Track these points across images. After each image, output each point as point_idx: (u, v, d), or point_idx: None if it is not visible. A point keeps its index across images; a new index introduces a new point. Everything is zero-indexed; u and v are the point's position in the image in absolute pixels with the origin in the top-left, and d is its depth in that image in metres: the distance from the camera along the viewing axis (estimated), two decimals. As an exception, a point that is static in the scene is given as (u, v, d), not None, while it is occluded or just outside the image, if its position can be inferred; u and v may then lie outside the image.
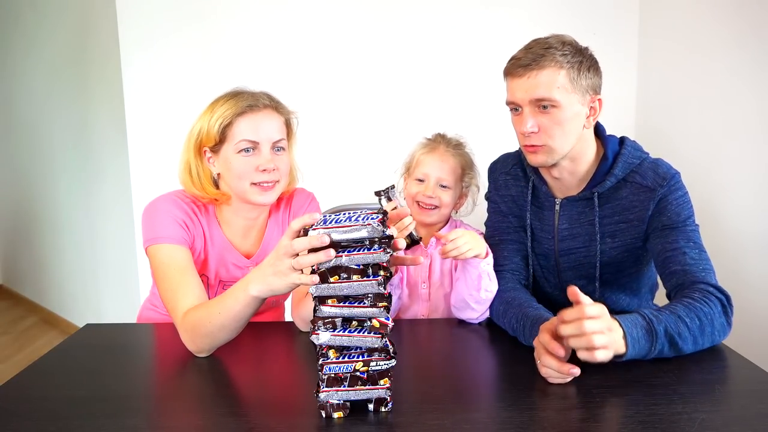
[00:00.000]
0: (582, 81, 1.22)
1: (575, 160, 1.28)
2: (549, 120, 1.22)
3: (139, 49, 2.32)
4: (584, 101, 1.24)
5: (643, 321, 1.05)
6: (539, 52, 1.21)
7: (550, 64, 1.20)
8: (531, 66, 1.21)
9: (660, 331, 1.04)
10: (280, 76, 2.26)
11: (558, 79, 1.20)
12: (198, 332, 1.11)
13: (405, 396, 0.95)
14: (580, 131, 1.25)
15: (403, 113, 2.33)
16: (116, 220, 2.74)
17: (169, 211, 1.27)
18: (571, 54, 1.21)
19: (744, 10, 1.80)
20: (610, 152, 1.29)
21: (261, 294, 1.00)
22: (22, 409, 0.94)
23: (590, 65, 1.24)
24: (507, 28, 2.28)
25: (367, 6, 2.29)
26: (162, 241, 1.24)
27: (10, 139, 3.81)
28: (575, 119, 1.23)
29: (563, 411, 0.91)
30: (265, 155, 1.26)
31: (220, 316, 1.07)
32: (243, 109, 1.25)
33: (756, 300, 1.78)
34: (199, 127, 1.28)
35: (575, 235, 1.33)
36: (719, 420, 0.87)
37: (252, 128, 1.25)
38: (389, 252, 0.87)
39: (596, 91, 1.26)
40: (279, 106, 1.31)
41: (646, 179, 1.26)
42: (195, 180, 1.30)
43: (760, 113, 1.75)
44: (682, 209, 1.24)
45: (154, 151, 2.37)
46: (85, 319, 2.93)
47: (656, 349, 1.05)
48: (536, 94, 1.21)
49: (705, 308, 1.10)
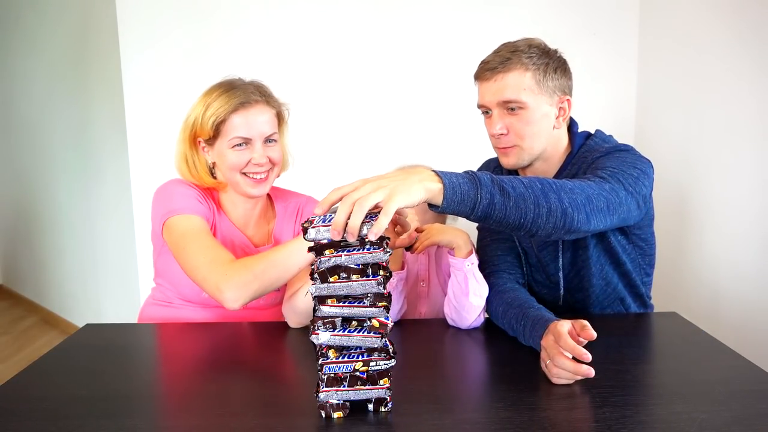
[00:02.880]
0: (549, 82, 1.24)
1: (548, 161, 1.30)
2: (517, 121, 1.24)
3: (139, 49, 2.32)
4: (552, 102, 1.25)
5: (465, 173, 0.93)
6: (506, 56, 1.24)
7: (516, 67, 1.23)
8: (498, 69, 1.24)
9: (484, 179, 0.92)
10: (281, 76, 2.26)
11: (524, 81, 1.22)
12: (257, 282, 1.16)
13: (405, 396, 0.95)
14: (550, 131, 1.27)
15: (402, 112, 2.33)
16: (116, 220, 2.74)
17: (183, 188, 1.34)
18: (537, 56, 1.23)
19: (744, 10, 1.80)
20: (575, 147, 1.31)
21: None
22: (22, 409, 0.94)
23: (557, 66, 1.25)
24: (507, 28, 2.28)
25: (367, 5, 2.30)
26: (181, 212, 1.29)
27: (10, 139, 3.81)
28: (544, 120, 1.25)
29: (563, 411, 0.91)
30: (257, 150, 1.31)
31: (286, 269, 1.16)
32: (235, 106, 1.28)
33: (756, 300, 1.78)
34: (194, 119, 1.32)
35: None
36: (719, 420, 0.87)
37: (245, 124, 1.29)
38: (389, 251, 0.87)
39: (565, 91, 1.27)
40: (270, 99, 1.35)
41: (593, 152, 1.27)
42: (192, 169, 1.36)
43: (760, 113, 1.75)
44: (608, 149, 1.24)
45: (154, 151, 2.37)
46: (85, 319, 2.93)
47: (483, 197, 0.91)
48: (503, 96, 1.24)
49: (582, 181, 1.06)
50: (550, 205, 0.97)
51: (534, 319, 1.14)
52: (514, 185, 0.95)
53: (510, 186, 0.94)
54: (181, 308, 1.39)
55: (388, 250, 0.87)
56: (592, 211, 1.03)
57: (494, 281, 1.34)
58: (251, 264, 1.18)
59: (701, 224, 2.00)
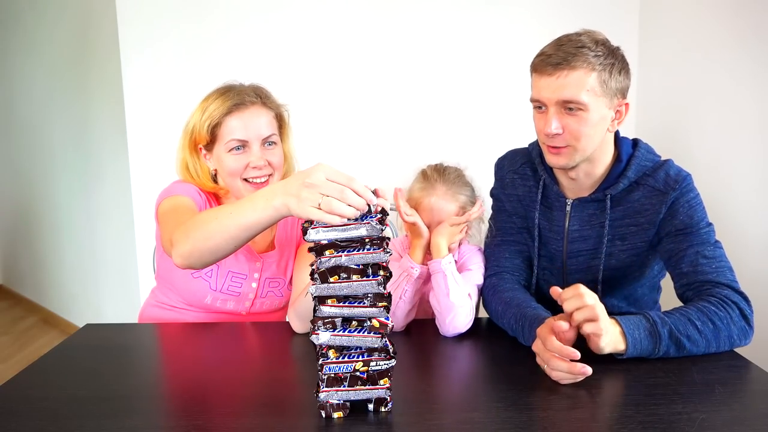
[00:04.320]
0: (612, 84, 1.18)
1: (593, 163, 1.27)
2: (575, 122, 1.19)
3: (139, 49, 2.32)
4: (611, 105, 1.21)
5: (647, 323, 1.06)
6: (571, 51, 1.16)
7: (581, 65, 1.16)
8: (561, 65, 1.16)
9: (663, 334, 1.06)
10: (281, 76, 2.26)
11: (588, 81, 1.16)
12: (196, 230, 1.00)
13: (405, 396, 0.95)
14: (604, 135, 1.23)
15: (403, 111, 2.33)
16: (116, 220, 2.74)
17: (187, 186, 1.32)
18: (604, 55, 1.17)
19: (744, 10, 1.80)
20: (624, 154, 1.28)
21: (280, 209, 0.89)
22: (22, 409, 0.94)
23: (622, 68, 1.20)
24: (507, 28, 2.28)
25: (368, 4, 2.29)
26: (176, 194, 1.28)
27: (10, 139, 3.81)
28: (601, 123, 1.21)
29: (563, 411, 0.91)
30: (255, 152, 1.27)
31: (230, 216, 0.96)
32: (230, 108, 1.26)
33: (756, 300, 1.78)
34: (192, 125, 1.31)
35: (585, 237, 1.31)
36: (719, 420, 0.87)
37: (240, 127, 1.27)
38: (389, 252, 0.87)
39: (624, 94, 1.22)
40: (267, 100, 1.32)
41: (659, 182, 1.25)
42: (194, 176, 1.34)
43: (760, 113, 1.75)
44: (694, 212, 1.22)
45: (154, 151, 2.37)
46: (85, 319, 2.93)
47: (660, 351, 1.06)
48: (564, 95, 1.17)
49: (721, 312, 1.10)
50: (718, 348, 1.09)
51: (531, 319, 1.14)
52: (690, 335, 1.07)
53: (685, 337, 1.07)
54: (182, 312, 1.39)
55: (388, 250, 0.87)
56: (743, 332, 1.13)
57: (495, 282, 1.33)
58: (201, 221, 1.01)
59: (701, 224, 2.00)
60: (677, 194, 1.23)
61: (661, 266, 1.34)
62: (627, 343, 1.04)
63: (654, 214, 1.25)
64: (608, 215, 1.28)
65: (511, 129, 1.40)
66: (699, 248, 1.19)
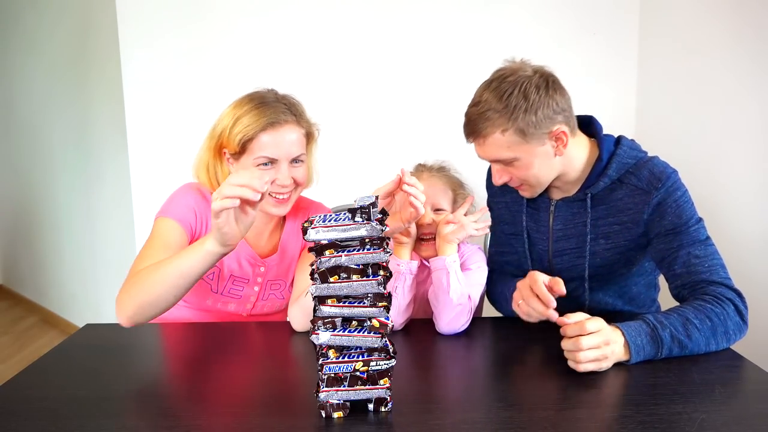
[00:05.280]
0: (532, 129, 1.18)
1: (566, 176, 1.29)
2: (516, 170, 1.24)
3: (139, 49, 2.32)
4: (544, 141, 1.21)
5: (648, 328, 1.07)
6: (476, 120, 1.20)
7: (491, 131, 1.19)
8: (473, 136, 1.23)
9: (665, 337, 1.07)
10: (281, 75, 2.26)
11: (504, 140, 1.19)
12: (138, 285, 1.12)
13: (405, 396, 0.95)
14: (554, 162, 1.25)
15: (404, 112, 2.33)
16: (116, 220, 2.74)
17: (191, 197, 1.31)
18: (511, 110, 1.15)
19: (744, 10, 1.80)
20: (605, 153, 1.28)
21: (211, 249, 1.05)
22: (22, 409, 0.94)
23: (538, 102, 1.16)
24: (508, 28, 2.28)
25: (368, 6, 2.29)
26: (168, 216, 1.28)
27: (10, 139, 3.81)
28: (543, 159, 1.23)
29: (563, 411, 0.91)
30: (283, 171, 1.26)
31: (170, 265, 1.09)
32: (264, 125, 1.23)
33: (756, 300, 1.78)
34: (221, 130, 1.28)
35: (569, 236, 1.33)
36: (719, 420, 0.87)
37: (272, 145, 1.25)
38: (389, 252, 0.87)
39: (556, 120, 1.19)
40: (301, 118, 1.30)
41: (641, 180, 1.25)
42: (212, 179, 1.32)
43: (760, 113, 1.75)
44: (682, 211, 1.22)
45: (154, 151, 2.37)
46: (85, 319, 2.93)
47: (663, 354, 1.08)
48: (490, 157, 1.24)
49: (717, 309, 1.11)
50: (717, 345, 1.11)
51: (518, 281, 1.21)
52: (690, 334, 1.08)
53: (686, 337, 1.08)
54: (182, 312, 1.39)
55: (388, 250, 0.87)
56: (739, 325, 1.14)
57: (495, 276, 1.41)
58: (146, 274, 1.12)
59: (701, 224, 2.00)
60: (663, 194, 1.22)
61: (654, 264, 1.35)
62: (630, 352, 1.05)
63: (637, 213, 1.25)
64: (589, 214, 1.29)
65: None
66: (690, 248, 1.19)
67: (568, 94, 1.24)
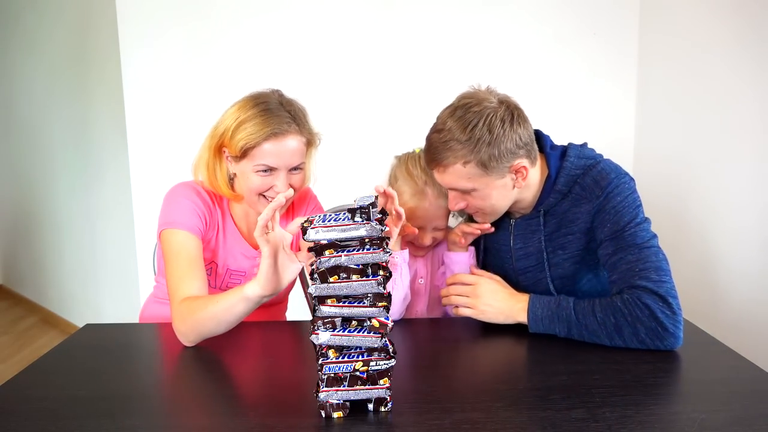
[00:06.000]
0: (493, 163, 1.18)
1: (522, 202, 1.30)
2: (473, 199, 1.25)
3: (139, 49, 2.32)
4: (504, 173, 1.21)
5: (554, 305, 1.19)
6: (437, 147, 1.19)
7: (452, 161, 1.18)
8: (433, 164, 1.22)
9: (563, 317, 1.17)
10: (281, 75, 2.26)
11: (465, 171, 1.19)
12: (191, 317, 1.15)
13: (405, 396, 0.95)
14: (512, 193, 1.26)
15: (404, 112, 2.33)
16: (116, 219, 2.74)
17: (189, 198, 1.32)
18: (474, 142, 1.15)
19: (744, 10, 1.80)
20: (552, 168, 1.27)
21: (253, 292, 1.06)
22: (22, 409, 0.94)
23: (500, 137, 1.16)
24: (508, 28, 2.28)
25: (368, 5, 2.29)
26: (177, 227, 1.28)
27: (10, 139, 3.81)
28: (501, 190, 1.24)
29: (563, 411, 0.91)
30: (281, 179, 1.27)
31: (216, 305, 1.12)
32: (268, 135, 1.23)
33: (756, 300, 1.78)
34: (223, 130, 1.27)
35: (529, 254, 1.34)
36: (719, 420, 0.87)
37: (274, 154, 1.25)
38: (389, 251, 0.87)
39: (517, 153, 1.19)
40: (303, 128, 1.29)
41: (585, 189, 1.25)
42: (211, 178, 1.33)
43: (760, 113, 1.75)
44: (620, 216, 1.20)
45: (154, 151, 2.37)
46: (85, 319, 2.93)
47: (562, 333, 1.18)
48: (450, 186, 1.24)
49: (625, 311, 1.12)
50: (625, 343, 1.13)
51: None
52: (588, 324, 1.15)
53: (584, 326, 1.16)
54: None
55: (388, 250, 0.87)
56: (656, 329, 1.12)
57: None
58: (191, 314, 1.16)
59: (701, 224, 2.00)
60: (603, 201, 1.22)
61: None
62: (528, 319, 1.20)
63: (584, 222, 1.25)
64: (542, 230, 1.30)
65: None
66: (623, 253, 1.19)
67: (530, 125, 1.24)
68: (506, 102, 1.21)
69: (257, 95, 1.30)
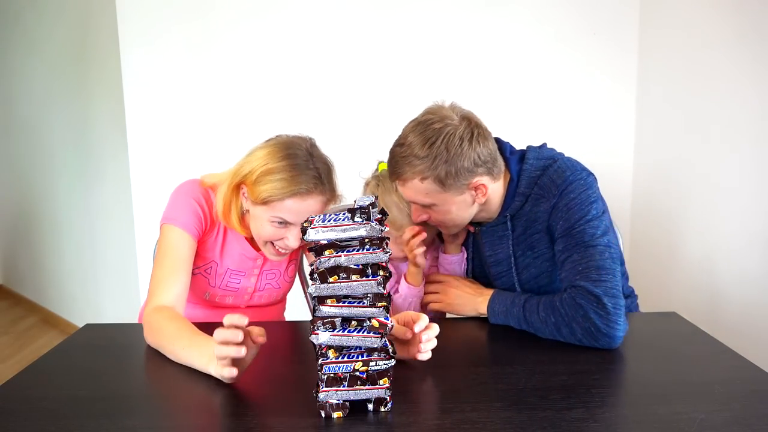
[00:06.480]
0: (450, 180, 1.18)
1: (485, 210, 1.30)
2: (434, 214, 1.26)
3: (139, 48, 2.32)
4: (463, 190, 1.21)
5: (508, 301, 1.25)
6: (398, 160, 1.20)
7: (411, 176, 1.19)
8: (394, 177, 1.24)
9: (514, 313, 1.23)
10: (281, 75, 2.26)
11: (423, 187, 1.20)
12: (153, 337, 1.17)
13: (405, 396, 0.95)
14: (472, 208, 1.26)
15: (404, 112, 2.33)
16: (116, 219, 2.74)
17: (195, 198, 1.32)
18: (432, 159, 1.16)
19: (744, 9, 1.80)
20: (514, 173, 1.28)
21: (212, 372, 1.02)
22: (22, 409, 0.94)
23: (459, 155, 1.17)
24: (508, 27, 2.28)
25: (368, 5, 2.29)
26: (176, 224, 1.28)
27: (10, 139, 3.81)
28: (461, 205, 1.24)
29: (563, 411, 0.91)
30: (293, 234, 1.27)
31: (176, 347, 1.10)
32: (293, 194, 1.22)
33: (756, 300, 1.78)
34: (247, 173, 1.25)
35: (499, 260, 1.35)
36: (719, 420, 0.87)
37: (294, 212, 1.24)
38: (388, 251, 0.87)
39: (474, 173, 1.20)
40: (327, 187, 1.27)
41: (542, 189, 1.26)
42: (225, 211, 1.31)
43: (761, 112, 1.75)
44: (571, 214, 1.21)
45: (154, 150, 2.37)
46: (85, 319, 2.93)
47: (516, 326, 1.23)
48: (410, 199, 1.25)
49: (562, 310, 1.15)
50: (566, 339, 1.16)
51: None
52: (532, 322, 1.20)
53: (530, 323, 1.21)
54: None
55: (388, 250, 0.87)
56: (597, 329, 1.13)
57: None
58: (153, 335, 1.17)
59: (701, 224, 2.00)
60: (556, 199, 1.23)
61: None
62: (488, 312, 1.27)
63: (544, 222, 1.26)
64: (510, 235, 1.31)
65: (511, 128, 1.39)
66: (570, 252, 1.20)
67: (492, 143, 1.24)
68: (468, 119, 1.21)
69: (288, 144, 1.27)
